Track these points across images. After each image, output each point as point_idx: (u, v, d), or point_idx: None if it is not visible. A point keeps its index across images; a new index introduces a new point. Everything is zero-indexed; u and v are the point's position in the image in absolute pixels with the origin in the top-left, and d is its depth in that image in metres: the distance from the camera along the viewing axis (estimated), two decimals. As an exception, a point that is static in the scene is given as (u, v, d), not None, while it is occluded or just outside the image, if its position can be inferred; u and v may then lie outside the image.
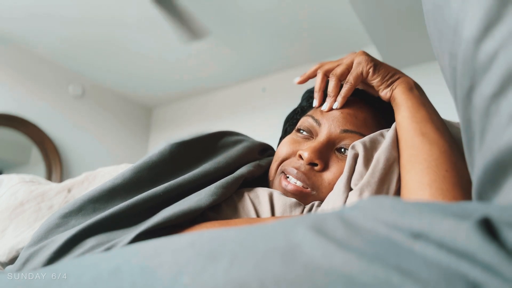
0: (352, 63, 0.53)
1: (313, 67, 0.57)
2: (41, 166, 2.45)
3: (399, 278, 0.15)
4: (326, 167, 0.50)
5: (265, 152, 0.62)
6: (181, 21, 1.64)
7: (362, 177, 0.44)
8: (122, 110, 3.08)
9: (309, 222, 0.19)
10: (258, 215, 0.46)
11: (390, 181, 0.44)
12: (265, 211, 0.46)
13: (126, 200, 0.44)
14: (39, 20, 2.13)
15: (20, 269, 0.40)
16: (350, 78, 0.52)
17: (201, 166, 0.50)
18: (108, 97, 2.97)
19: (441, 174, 0.39)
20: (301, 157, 0.51)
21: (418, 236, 0.17)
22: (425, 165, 0.41)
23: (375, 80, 0.52)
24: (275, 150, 0.65)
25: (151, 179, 0.47)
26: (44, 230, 0.42)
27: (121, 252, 0.22)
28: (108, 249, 0.38)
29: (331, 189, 0.49)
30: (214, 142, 0.56)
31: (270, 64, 2.57)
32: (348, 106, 0.54)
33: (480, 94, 0.24)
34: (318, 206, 0.47)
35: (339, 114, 0.53)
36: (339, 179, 0.46)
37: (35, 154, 2.45)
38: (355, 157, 0.46)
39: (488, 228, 0.16)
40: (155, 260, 0.20)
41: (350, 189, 0.45)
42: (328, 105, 0.54)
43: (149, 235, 0.40)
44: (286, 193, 0.50)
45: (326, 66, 0.56)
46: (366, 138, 0.48)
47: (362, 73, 0.52)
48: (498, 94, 0.23)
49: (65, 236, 0.39)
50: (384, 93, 0.52)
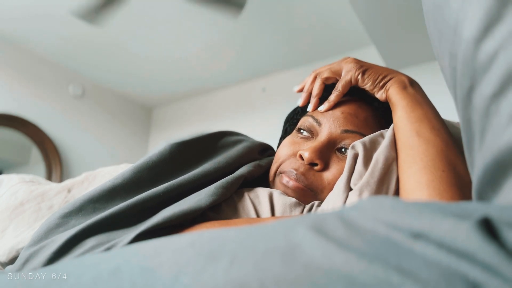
0: (339, 69, 0.55)
1: (310, 75, 0.59)
2: (41, 166, 2.45)
3: (399, 278, 0.15)
4: (326, 167, 0.50)
5: (265, 152, 0.62)
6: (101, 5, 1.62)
7: (361, 177, 0.44)
8: (122, 110, 3.08)
9: (309, 222, 0.19)
10: (258, 215, 0.46)
11: (390, 181, 0.44)
12: (265, 211, 0.46)
13: (126, 200, 0.44)
14: (39, 20, 2.13)
15: (20, 269, 0.40)
16: (338, 85, 0.53)
17: (201, 166, 0.50)
18: (108, 97, 2.97)
19: (437, 175, 0.39)
20: (301, 157, 0.50)
21: (418, 236, 0.17)
22: (421, 165, 0.41)
23: (367, 85, 0.52)
24: (275, 150, 0.65)
25: (151, 179, 0.47)
26: (44, 230, 0.42)
27: (121, 252, 0.22)
28: (108, 249, 0.38)
29: (331, 189, 0.49)
30: (214, 142, 0.56)
31: (270, 64, 2.57)
32: (348, 106, 0.54)
33: (480, 94, 0.24)
34: (318, 206, 0.47)
35: (340, 114, 0.53)
36: (339, 179, 0.46)
37: (35, 154, 2.45)
38: (355, 157, 0.46)
39: (488, 228, 0.16)
40: (155, 260, 0.20)
41: (350, 189, 0.45)
42: (311, 105, 0.56)
43: (149, 235, 0.40)
44: (287, 190, 0.50)
45: (317, 70, 0.57)
46: (366, 138, 0.48)
47: (351, 80, 0.53)
48: (498, 94, 0.23)
49: (65, 236, 0.39)
50: (379, 95, 0.52)
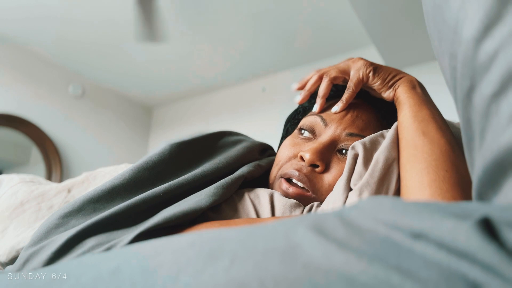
0: (347, 68, 0.54)
1: (310, 74, 0.57)
2: (41, 166, 2.45)
3: (399, 278, 0.15)
4: (327, 169, 0.50)
5: (265, 152, 0.62)
6: (150, 21, 1.63)
7: (361, 177, 0.44)
8: (122, 110, 3.08)
9: (309, 222, 0.19)
10: (258, 216, 0.46)
11: (390, 181, 0.44)
12: (265, 212, 0.46)
13: (126, 200, 0.44)
14: (40, 20, 2.13)
15: (20, 269, 0.40)
16: (351, 84, 0.52)
17: (201, 166, 0.50)
18: (108, 97, 2.97)
19: (440, 174, 0.39)
20: (302, 158, 0.50)
21: (418, 236, 0.17)
22: (425, 164, 0.41)
23: (376, 83, 0.52)
24: (275, 150, 0.65)
25: (151, 179, 0.47)
26: (44, 230, 0.42)
27: (121, 252, 0.22)
28: (108, 249, 0.38)
29: (331, 190, 0.48)
30: (214, 142, 0.56)
31: (270, 64, 2.57)
32: (354, 108, 0.53)
33: (480, 94, 0.24)
34: (318, 206, 0.47)
35: (349, 116, 0.52)
36: (339, 179, 0.46)
37: (35, 154, 2.45)
38: (355, 157, 0.46)
39: (488, 228, 0.16)
40: (155, 260, 0.20)
41: (350, 189, 0.45)
42: (318, 106, 0.54)
43: (149, 235, 0.40)
44: (287, 195, 0.49)
45: (322, 70, 0.56)
46: (367, 139, 0.48)
47: (362, 78, 0.52)
48: (498, 94, 0.23)
49: (65, 236, 0.39)
50: (387, 94, 0.52)
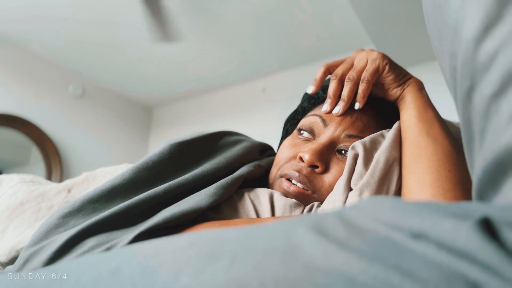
0: (366, 63, 0.51)
1: (320, 71, 0.54)
2: (41, 166, 2.45)
3: (399, 278, 0.15)
4: (326, 169, 0.50)
5: (265, 152, 0.62)
6: (161, 21, 1.64)
7: (361, 177, 0.44)
8: (122, 110, 3.08)
9: (309, 222, 0.19)
10: (258, 216, 0.46)
11: (390, 181, 0.44)
12: (265, 212, 0.46)
13: (126, 200, 0.44)
14: (40, 20, 2.13)
15: (20, 269, 0.40)
16: (366, 75, 0.50)
17: (201, 166, 0.50)
18: (108, 97, 2.97)
19: (443, 174, 0.39)
20: (301, 159, 0.50)
21: (418, 236, 0.17)
22: (428, 164, 0.41)
23: (389, 77, 0.50)
24: (275, 150, 0.64)
25: (151, 179, 0.47)
26: (44, 230, 0.42)
27: (121, 252, 0.22)
28: (108, 249, 0.38)
29: (331, 190, 0.48)
30: (214, 142, 0.55)
31: (270, 64, 2.57)
32: (354, 109, 0.52)
33: (480, 94, 0.24)
34: (318, 206, 0.47)
35: (348, 117, 0.52)
36: (339, 180, 0.46)
37: (35, 154, 2.45)
38: (355, 157, 0.46)
39: (488, 228, 0.16)
40: (155, 260, 0.20)
41: (350, 189, 0.45)
42: (341, 108, 0.51)
43: (149, 235, 0.40)
44: (288, 195, 0.49)
45: (339, 70, 0.52)
46: (367, 139, 0.48)
47: (378, 69, 0.50)
48: (498, 94, 0.23)
49: (65, 236, 0.39)
50: (394, 92, 0.51)
